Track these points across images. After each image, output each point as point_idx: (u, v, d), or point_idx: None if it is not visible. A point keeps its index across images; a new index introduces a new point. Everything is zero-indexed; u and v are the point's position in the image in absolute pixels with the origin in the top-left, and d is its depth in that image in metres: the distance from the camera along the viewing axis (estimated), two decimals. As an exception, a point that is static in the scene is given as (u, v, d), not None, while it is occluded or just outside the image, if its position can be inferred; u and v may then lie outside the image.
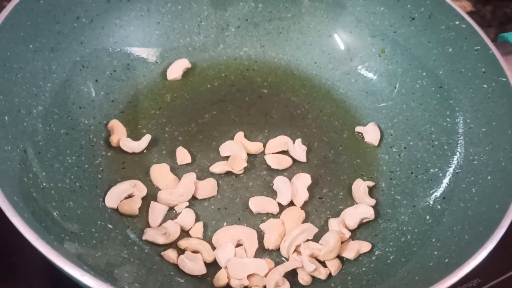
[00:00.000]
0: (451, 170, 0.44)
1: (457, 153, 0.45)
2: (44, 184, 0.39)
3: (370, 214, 0.44)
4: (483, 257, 0.32)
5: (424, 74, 0.49)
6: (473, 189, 0.41)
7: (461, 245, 0.36)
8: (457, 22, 0.46)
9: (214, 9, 0.53)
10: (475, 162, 0.42)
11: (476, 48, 0.45)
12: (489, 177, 0.40)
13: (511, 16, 0.73)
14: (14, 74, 0.41)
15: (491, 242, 0.33)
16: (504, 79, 0.42)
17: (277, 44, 0.55)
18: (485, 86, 0.44)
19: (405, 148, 0.48)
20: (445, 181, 0.44)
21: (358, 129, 0.50)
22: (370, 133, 0.50)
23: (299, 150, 0.48)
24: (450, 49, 0.47)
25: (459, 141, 0.45)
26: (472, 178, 0.42)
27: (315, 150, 0.49)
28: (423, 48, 0.49)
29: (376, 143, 0.49)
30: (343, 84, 0.53)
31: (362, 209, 0.44)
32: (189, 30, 0.53)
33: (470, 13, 0.74)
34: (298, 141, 0.48)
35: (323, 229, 0.43)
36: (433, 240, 0.40)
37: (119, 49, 0.50)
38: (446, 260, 0.35)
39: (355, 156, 0.49)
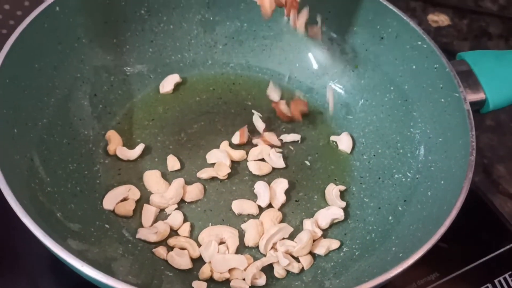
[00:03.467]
0: (412, 175, 0.48)
1: (418, 160, 0.48)
2: (48, 189, 0.43)
3: (340, 215, 0.47)
4: (425, 250, 0.36)
5: (392, 88, 0.52)
6: (429, 193, 0.44)
7: (414, 242, 0.39)
8: (419, 42, 0.49)
9: (203, 28, 0.56)
10: (432, 168, 0.46)
11: (435, 66, 0.48)
12: (442, 182, 0.44)
13: (486, 30, 0.74)
14: (22, 91, 0.44)
15: (434, 238, 0.37)
16: (457, 95, 0.45)
17: (260, 60, 0.57)
18: (442, 100, 0.47)
19: (374, 155, 0.51)
20: (407, 185, 0.47)
21: (333, 138, 0.53)
22: (344, 142, 0.53)
23: (274, 159, 0.50)
24: (414, 67, 0.50)
25: (420, 150, 0.48)
26: (429, 183, 0.45)
27: (293, 157, 0.52)
28: (391, 65, 0.52)
29: (348, 151, 0.52)
30: (320, 97, 0.56)
31: (333, 210, 0.47)
32: (180, 47, 0.56)
33: (447, 27, 0.76)
34: (273, 151, 0.51)
35: (298, 229, 0.47)
36: (393, 237, 0.43)
37: (115, 66, 0.53)
38: (400, 254, 0.39)
39: (330, 162, 0.52)
